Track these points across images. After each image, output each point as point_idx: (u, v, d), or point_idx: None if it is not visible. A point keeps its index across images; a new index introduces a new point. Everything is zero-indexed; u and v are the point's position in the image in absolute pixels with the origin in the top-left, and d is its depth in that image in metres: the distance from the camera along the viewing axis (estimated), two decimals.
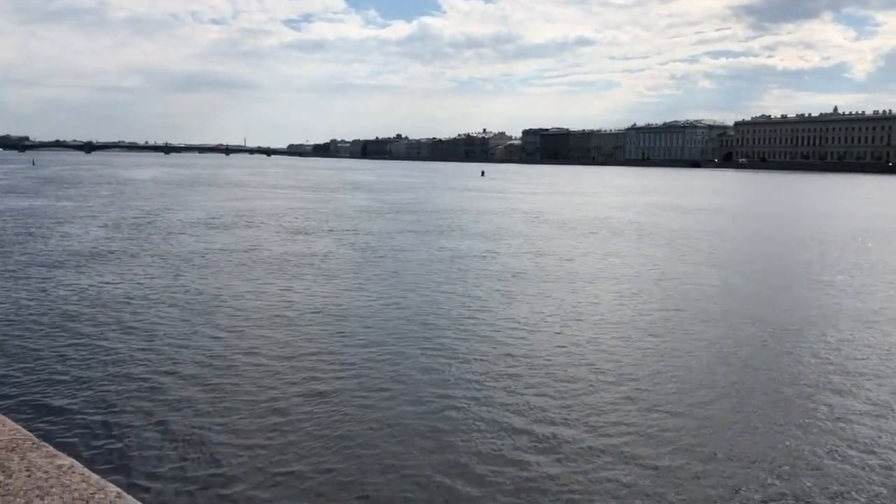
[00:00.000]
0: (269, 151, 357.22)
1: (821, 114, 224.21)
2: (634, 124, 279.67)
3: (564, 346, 11.32)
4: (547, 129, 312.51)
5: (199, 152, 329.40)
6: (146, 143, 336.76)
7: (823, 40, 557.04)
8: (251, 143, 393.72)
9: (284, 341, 11.34)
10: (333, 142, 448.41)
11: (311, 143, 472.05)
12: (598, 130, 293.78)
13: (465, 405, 8.63)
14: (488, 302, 14.76)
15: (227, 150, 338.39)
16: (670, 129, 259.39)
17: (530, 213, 39.04)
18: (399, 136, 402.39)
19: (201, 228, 27.50)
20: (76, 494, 2.21)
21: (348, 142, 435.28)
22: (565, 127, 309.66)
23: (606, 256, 22.13)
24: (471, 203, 46.67)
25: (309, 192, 56.44)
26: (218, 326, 12.19)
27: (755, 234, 30.66)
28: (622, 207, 44.70)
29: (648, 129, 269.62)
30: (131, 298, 14.32)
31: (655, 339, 11.98)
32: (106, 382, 9.19)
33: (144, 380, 9.31)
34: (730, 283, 17.64)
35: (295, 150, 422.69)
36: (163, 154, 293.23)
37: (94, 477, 2.32)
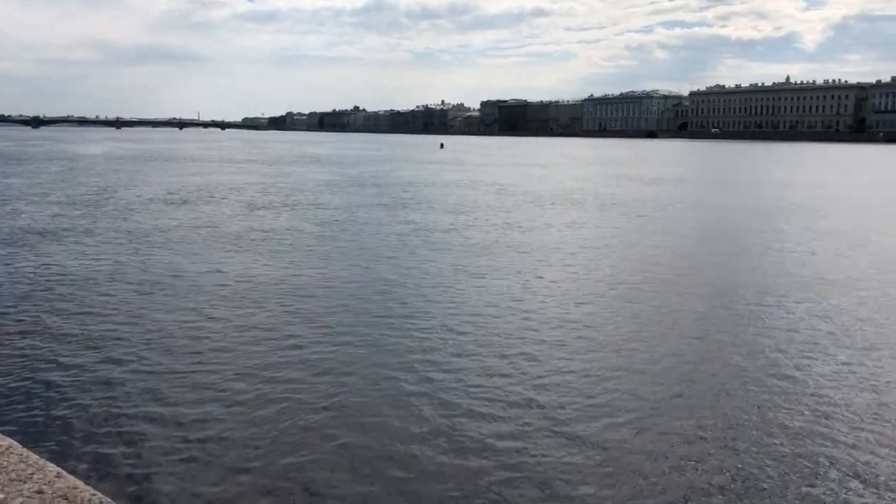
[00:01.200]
0: (223, 125, 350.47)
1: (774, 83, 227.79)
2: (591, 95, 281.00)
3: (530, 319, 11.15)
4: (505, 101, 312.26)
5: (152, 126, 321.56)
6: (97, 117, 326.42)
7: (775, 10, 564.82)
8: (205, 117, 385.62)
9: (244, 320, 10.94)
10: (289, 114, 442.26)
11: (267, 116, 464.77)
12: (555, 102, 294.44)
13: (430, 378, 8.47)
14: (454, 276, 14.52)
15: (181, 124, 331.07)
16: (627, 99, 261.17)
17: (494, 185, 38.86)
18: (356, 108, 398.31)
19: (159, 204, 26.71)
20: (13, 475, 2.07)
21: (304, 114, 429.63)
22: (523, 98, 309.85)
23: (573, 228, 22.06)
24: (433, 176, 46.30)
25: (267, 166, 55.41)
26: (177, 305, 11.76)
27: (717, 204, 30.86)
28: (585, 179, 44.81)
29: (605, 100, 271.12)
30: (86, 277, 13.75)
31: (616, 308, 11.92)
32: (52, 364, 8.76)
33: (94, 361, 8.90)
34: (691, 252, 17.68)
35: (250, 124, 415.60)
36: (114, 129, 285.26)
37: (34, 457, 2.18)
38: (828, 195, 34.82)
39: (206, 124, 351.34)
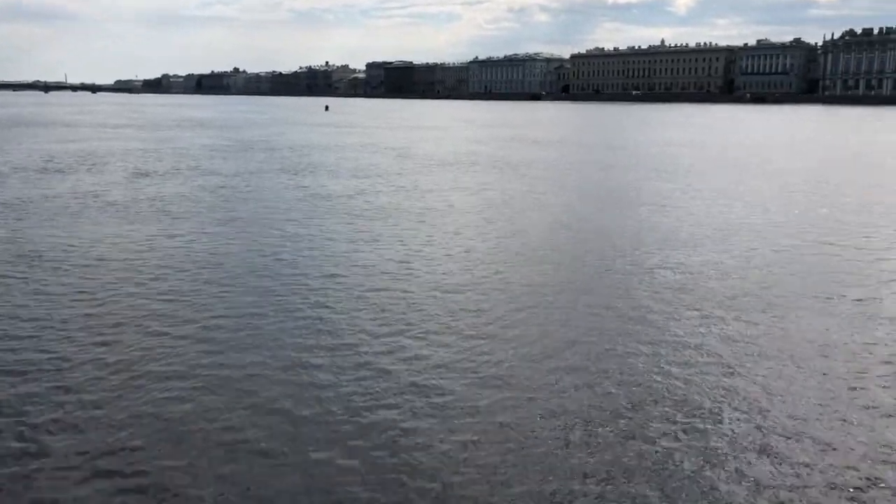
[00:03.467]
0: (94, 88, 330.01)
1: (649, 46, 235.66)
2: (476, 57, 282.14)
3: (434, 283, 10.86)
4: (391, 63, 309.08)
5: (14, 90, 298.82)
6: None
7: None
8: (73, 80, 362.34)
9: (130, 295, 10.09)
10: (165, 77, 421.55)
11: (141, 78, 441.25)
12: (441, 64, 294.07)
13: (326, 346, 8.19)
14: (354, 242, 14.01)
15: (46, 87, 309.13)
16: (511, 62, 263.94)
17: (391, 148, 38.24)
18: (237, 70, 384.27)
19: (34, 173, 24.61)
20: None
21: (181, 77, 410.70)
22: (409, 60, 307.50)
23: (475, 191, 21.91)
24: (327, 139, 45.11)
25: (147, 132, 52.40)
26: (60, 280, 10.75)
27: (609, 164, 31.48)
28: (481, 141, 44.83)
29: (490, 63, 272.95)
30: None
31: (511, 267, 11.86)
32: None
33: None
34: (588, 214, 17.87)
35: (123, 87, 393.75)
36: None
37: None
38: (705, 154, 36.22)
39: (75, 87, 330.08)
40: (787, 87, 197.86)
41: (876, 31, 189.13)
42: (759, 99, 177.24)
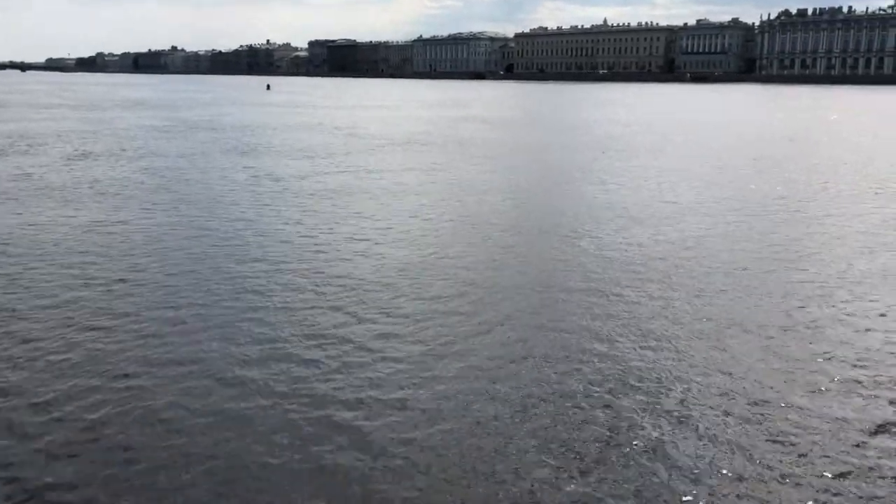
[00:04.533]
0: (23, 66, 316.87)
1: (592, 25, 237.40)
2: (420, 36, 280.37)
3: (385, 263, 10.77)
4: (334, 41, 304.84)
5: None
6: None
7: None
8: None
9: (69, 283, 9.71)
10: (100, 55, 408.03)
11: (74, 57, 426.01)
12: (385, 42, 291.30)
13: (274, 326, 8.14)
14: (306, 224, 13.78)
15: None
16: (455, 41, 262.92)
17: (340, 128, 37.72)
18: (174, 48, 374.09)
19: None
20: None
21: (117, 55, 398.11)
22: (353, 38, 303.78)
23: (429, 170, 21.77)
24: (273, 119, 44.23)
25: (83, 112, 50.57)
26: None
27: (558, 143, 31.63)
28: (430, 121, 44.57)
29: (434, 41, 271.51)
30: None
31: (463, 245, 11.83)
32: None
33: None
34: (544, 191, 17.93)
35: (55, 66, 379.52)
36: None
37: None
38: (651, 133, 36.70)
39: (2, 65, 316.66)
40: (726, 66, 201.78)
41: (810, 12, 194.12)
42: (700, 78, 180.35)
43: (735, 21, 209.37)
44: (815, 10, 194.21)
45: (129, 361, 7.19)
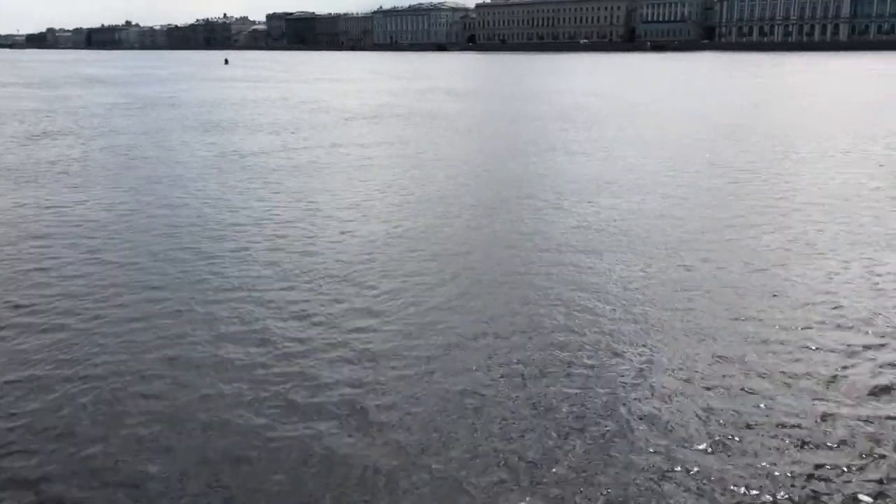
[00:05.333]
0: None
1: None
2: (381, 7, 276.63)
3: (354, 236, 10.88)
4: (292, 14, 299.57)
5: None
6: None
7: None
8: None
9: (31, 266, 9.62)
10: (51, 31, 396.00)
11: (24, 32, 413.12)
12: (345, 14, 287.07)
13: (238, 302, 8.20)
14: (271, 200, 13.76)
15: None
16: (416, 12, 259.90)
17: (305, 102, 37.31)
18: (129, 23, 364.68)
19: None
20: None
21: (69, 31, 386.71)
22: (311, 11, 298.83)
23: (396, 143, 21.76)
24: (235, 94, 43.54)
25: (38, 89, 49.27)
26: None
27: (525, 114, 31.65)
28: (395, 93, 44.24)
29: (395, 13, 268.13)
30: None
31: (431, 217, 11.98)
32: None
33: None
34: (512, 162, 18.00)
35: (4, 42, 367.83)
36: None
37: None
38: (615, 103, 36.91)
39: None
40: (686, 34, 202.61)
41: None
42: (660, 47, 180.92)
43: None
44: None
45: (92, 345, 7.17)
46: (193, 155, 19.56)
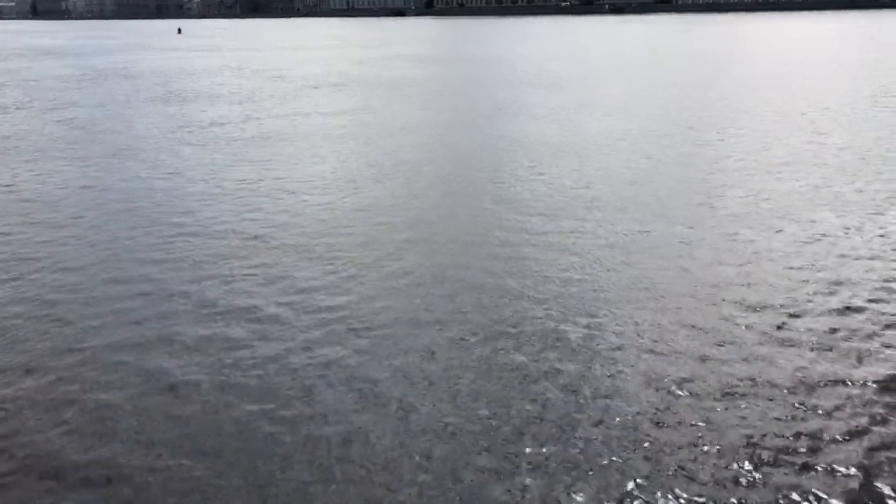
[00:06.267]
0: None
1: None
2: None
3: (318, 205, 10.67)
4: None
5: None
6: None
7: None
8: None
9: None
10: None
11: None
12: None
13: (199, 278, 8.05)
14: (234, 169, 13.52)
15: None
16: None
17: (265, 71, 36.45)
18: None
19: None
20: None
21: (12, 1, 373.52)
22: None
23: (362, 111, 21.43)
24: (191, 64, 42.39)
25: None
26: None
27: (493, 78, 31.37)
28: (357, 61, 43.51)
29: None
30: None
31: (397, 180, 11.82)
32: None
33: None
34: (470, 127, 17.84)
35: None
36: None
37: None
38: (581, 66, 36.79)
39: None
40: None
41: None
42: (618, 10, 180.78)
43: None
44: None
45: (49, 325, 6.90)
46: (152, 126, 18.99)
